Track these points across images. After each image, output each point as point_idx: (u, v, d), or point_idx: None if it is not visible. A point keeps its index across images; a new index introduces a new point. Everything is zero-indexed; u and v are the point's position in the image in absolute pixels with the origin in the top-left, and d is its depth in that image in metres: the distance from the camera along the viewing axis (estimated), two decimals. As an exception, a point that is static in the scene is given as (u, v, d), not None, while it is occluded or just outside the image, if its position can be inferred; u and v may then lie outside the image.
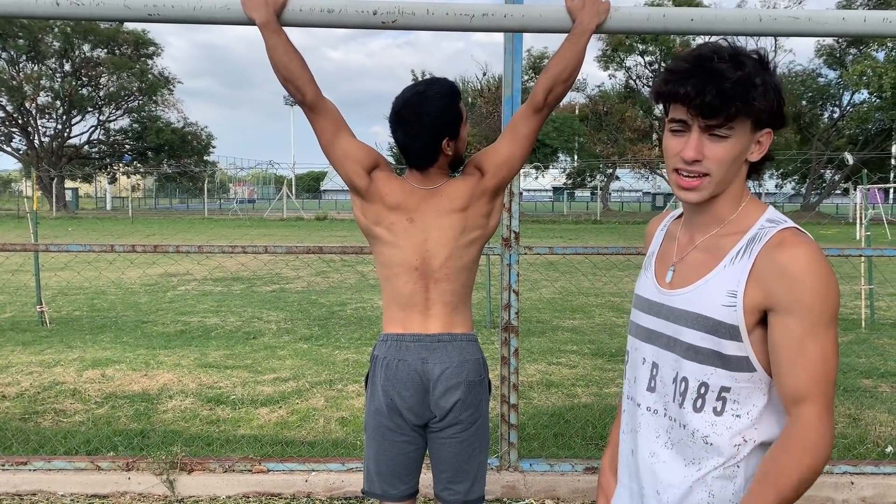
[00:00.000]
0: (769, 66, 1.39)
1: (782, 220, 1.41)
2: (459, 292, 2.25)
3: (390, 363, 2.19)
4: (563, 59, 2.14)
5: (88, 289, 10.98)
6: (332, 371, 6.09)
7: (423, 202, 2.21)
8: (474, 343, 2.27)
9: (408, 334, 2.20)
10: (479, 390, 2.25)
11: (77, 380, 5.75)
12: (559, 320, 8.70)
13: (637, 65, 48.46)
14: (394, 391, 2.18)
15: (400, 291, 2.21)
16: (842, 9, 38.66)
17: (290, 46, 2.11)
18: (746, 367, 1.38)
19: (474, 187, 2.23)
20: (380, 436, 2.23)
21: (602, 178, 49.27)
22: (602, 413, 4.86)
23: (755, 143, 1.40)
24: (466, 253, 2.23)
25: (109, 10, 2.17)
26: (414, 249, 2.19)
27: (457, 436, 2.22)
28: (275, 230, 27.01)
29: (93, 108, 43.20)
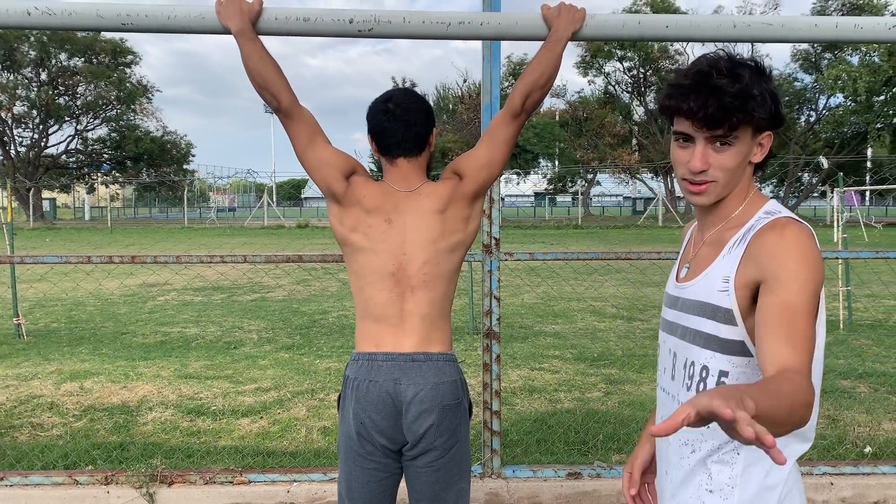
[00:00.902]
0: (766, 73, 1.47)
1: (779, 210, 1.48)
2: (438, 304, 2.15)
3: (361, 384, 2.08)
4: (539, 65, 2.15)
5: (66, 300, 10.86)
6: (313, 380, 6.06)
7: (401, 202, 2.17)
8: (452, 363, 2.15)
9: (380, 353, 2.09)
10: (456, 414, 2.12)
11: (55, 393, 5.68)
12: (541, 325, 8.72)
13: (616, 71, 48.85)
14: (364, 414, 2.07)
15: (374, 302, 2.12)
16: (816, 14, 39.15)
17: (265, 54, 2.10)
18: (742, 352, 1.42)
19: (453, 190, 2.19)
20: (350, 461, 2.13)
21: (583, 184, 49.50)
22: (584, 418, 4.87)
23: (757, 146, 1.49)
24: (445, 259, 2.16)
25: (82, 19, 2.15)
26: (391, 253, 2.12)
27: (432, 464, 2.10)
28: (256, 238, 26.86)
29: (70, 118, 42.81)
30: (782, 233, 1.39)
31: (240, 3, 2.10)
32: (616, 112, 48.31)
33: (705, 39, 2.32)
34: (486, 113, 3.57)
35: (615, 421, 4.81)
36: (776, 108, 1.46)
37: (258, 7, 2.12)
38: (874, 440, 4.46)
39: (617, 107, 48.90)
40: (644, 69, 48.14)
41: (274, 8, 2.16)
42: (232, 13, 2.09)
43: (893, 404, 5.29)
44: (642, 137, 49.18)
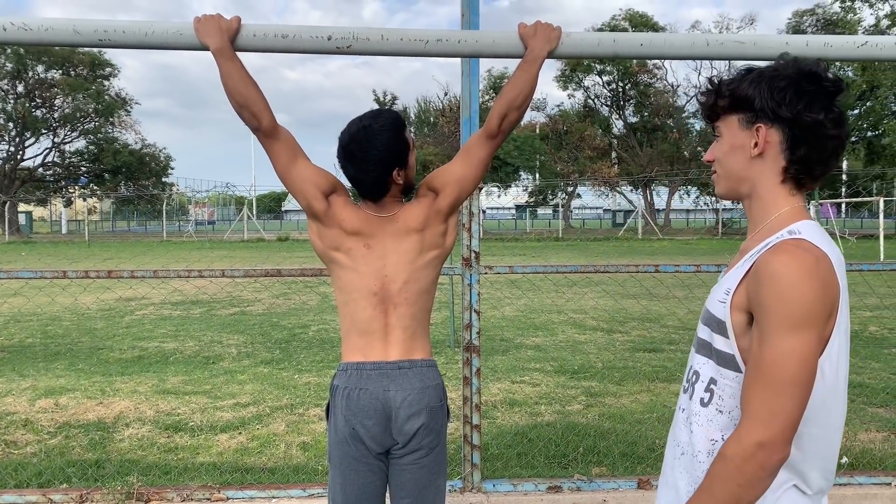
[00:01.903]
0: (753, 69, 1.49)
1: (799, 232, 1.41)
2: (419, 317, 2.25)
3: (351, 392, 2.18)
4: (515, 86, 2.18)
5: (42, 315, 10.71)
6: (293, 395, 6.02)
7: (379, 228, 2.22)
8: (434, 368, 2.27)
9: (368, 362, 2.19)
10: (440, 415, 2.26)
11: (29, 409, 5.59)
12: (522, 338, 8.73)
13: (595, 84, 49.36)
14: (356, 420, 2.17)
15: (359, 317, 2.21)
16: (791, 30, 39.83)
17: (244, 73, 2.11)
18: (733, 366, 1.41)
19: (429, 208, 2.25)
20: (345, 466, 2.22)
21: (563, 196, 49.78)
22: (565, 431, 4.88)
23: (753, 140, 1.47)
24: (424, 275, 2.25)
25: (58, 35, 2.14)
26: (373, 274, 2.19)
27: (418, 461, 2.22)
28: (235, 252, 26.70)
29: (47, 130, 42.37)
30: (770, 260, 1.34)
31: (218, 21, 2.11)
32: (595, 125, 48.73)
33: (680, 57, 2.35)
34: (466, 127, 3.59)
35: (595, 434, 4.82)
36: (748, 99, 1.45)
37: (236, 25, 2.13)
38: (850, 451, 4.50)
39: (596, 120, 49.33)
40: (623, 83, 48.65)
41: (252, 25, 2.17)
42: (210, 31, 2.10)
43: (869, 415, 5.35)
44: (622, 150, 49.60)
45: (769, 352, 1.30)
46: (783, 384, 1.28)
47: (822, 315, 1.31)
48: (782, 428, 1.28)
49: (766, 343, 1.30)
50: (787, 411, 1.28)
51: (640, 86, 48.26)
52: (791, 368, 1.28)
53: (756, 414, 1.30)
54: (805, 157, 1.43)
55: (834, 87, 1.42)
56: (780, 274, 1.31)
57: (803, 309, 1.29)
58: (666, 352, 7.83)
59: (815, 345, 1.30)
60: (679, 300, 11.43)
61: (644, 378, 6.54)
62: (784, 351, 1.28)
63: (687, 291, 11.41)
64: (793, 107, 1.41)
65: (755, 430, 1.29)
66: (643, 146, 47.87)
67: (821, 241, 1.38)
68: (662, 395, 5.96)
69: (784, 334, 1.29)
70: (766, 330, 1.31)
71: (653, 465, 4.25)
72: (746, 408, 1.32)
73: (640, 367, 6.99)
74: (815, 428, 1.37)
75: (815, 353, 1.31)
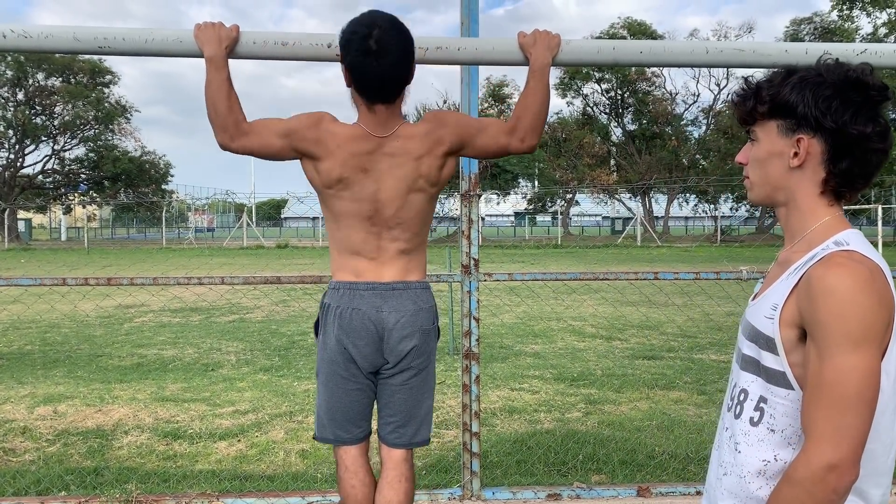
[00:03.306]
0: (791, 76, 1.42)
1: (848, 242, 1.36)
2: (413, 240, 2.24)
3: (344, 312, 2.17)
4: (530, 96, 2.21)
5: (41, 322, 10.70)
6: (291, 402, 6.01)
7: (377, 149, 2.17)
8: (428, 290, 2.28)
9: (361, 282, 2.18)
10: (432, 337, 2.28)
11: (28, 417, 5.58)
12: (521, 345, 8.73)
13: (594, 92, 49.49)
14: (348, 340, 2.17)
15: (352, 239, 2.20)
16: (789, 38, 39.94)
17: (225, 86, 2.11)
18: (784, 384, 1.35)
19: (430, 132, 2.21)
20: (333, 384, 2.23)
21: (562, 203, 49.83)
22: (564, 438, 4.87)
23: (793, 150, 1.41)
24: (419, 200, 2.22)
25: (59, 42, 2.15)
26: (367, 199, 2.17)
27: (407, 382, 2.25)
28: (235, 259, 26.70)
29: (47, 138, 42.42)
30: (824, 275, 1.29)
31: (218, 30, 2.12)
32: (594, 133, 48.82)
33: (679, 65, 2.36)
34: (465, 135, 3.59)
35: (595, 441, 4.81)
36: (790, 107, 1.39)
37: (235, 33, 2.14)
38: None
39: (595, 127, 49.42)
40: (621, 90, 48.76)
41: (253, 32, 2.18)
42: (209, 38, 2.11)
43: None
44: (620, 158, 49.68)
45: (830, 370, 1.24)
46: (848, 402, 1.23)
47: (880, 329, 1.26)
48: (852, 447, 1.23)
49: (825, 361, 1.25)
50: (855, 430, 1.23)
51: (638, 93, 48.38)
52: (855, 386, 1.23)
53: (823, 435, 1.24)
54: (847, 170, 1.38)
55: (881, 96, 1.36)
56: (836, 289, 1.26)
57: (862, 324, 1.24)
58: (665, 359, 7.83)
59: (876, 360, 1.25)
60: (678, 307, 11.44)
61: (643, 385, 6.53)
62: (846, 368, 1.23)
63: (686, 299, 11.41)
64: (838, 117, 1.34)
65: (824, 451, 1.24)
66: (642, 153, 47.95)
67: (871, 252, 1.33)
68: (662, 402, 5.95)
69: (845, 351, 1.24)
70: (825, 347, 1.25)
71: (652, 472, 4.25)
72: (811, 429, 1.26)
73: (639, 375, 6.99)
74: (873, 443, 1.31)
75: (876, 368, 1.25)
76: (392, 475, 2.35)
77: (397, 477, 2.34)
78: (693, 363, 7.57)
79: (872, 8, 36.26)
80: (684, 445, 4.72)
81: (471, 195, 3.71)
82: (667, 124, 48.34)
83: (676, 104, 48.98)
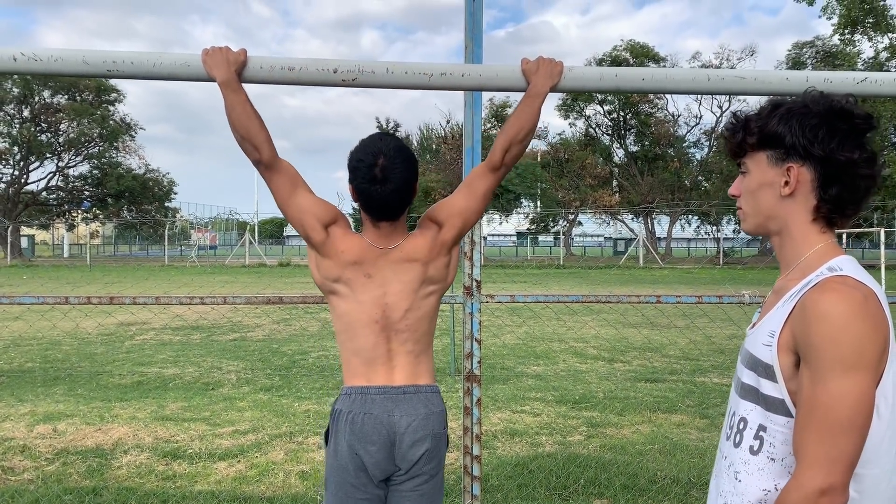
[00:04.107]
0: (777, 108, 1.46)
1: (841, 268, 1.37)
2: (422, 341, 2.25)
3: (356, 417, 2.15)
4: (518, 120, 2.22)
5: (42, 339, 10.69)
6: (292, 423, 5.99)
7: (381, 258, 2.22)
8: (437, 395, 2.27)
9: (373, 387, 2.18)
10: (443, 442, 2.26)
11: (27, 435, 5.56)
12: (523, 367, 8.70)
13: (596, 114, 49.76)
14: (360, 446, 2.14)
15: (361, 345, 2.20)
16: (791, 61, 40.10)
17: (248, 106, 2.13)
18: (783, 411, 1.36)
19: (433, 240, 2.25)
20: (343, 493, 2.19)
21: (564, 224, 49.87)
22: (566, 462, 4.85)
23: (783, 179, 1.44)
24: (426, 303, 2.25)
25: (68, 65, 2.17)
26: (373, 303, 2.19)
27: (418, 488, 2.21)
28: (237, 277, 26.70)
29: (51, 154, 42.61)
30: (818, 300, 1.30)
31: (226, 54, 2.14)
32: (597, 154, 48.98)
33: (681, 92, 2.38)
34: (468, 156, 3.61)
35: (596, 465, 4.79)
36: (775, 135, 1.43)
37: (243, 57, 2.16)
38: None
39: (597, 149, 49.60)
40: (624, 112, 48.99)
41: (259, 57, 2.20)
42: (218, 62, 2.13)
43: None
44: (622, 179, 49.79)
45: (823, 394, 1.25)
46: (840, 427, 1.24)
47: (874, 354, 1.27)
48: (843, 472, 1.24)
49: (819, 385, 1.26)
50: (846, 455, 1.24)
51: (640, 115, 48.59)
52: (847, 411, 1.24)
53: (815, 460, 1.25)
54: (837, 197, 1.40)
55: (865, 124, 1.39)
56: (830, 314, 1.27)
57: (856, 349, 1.25)
58: (667, 382, 7.80)
59: (869, 385, 1.26)
60: (680, 330, 11.41)
61: (645, 409, 6.50)
62: (839, 393, 1.24)
63: (688, 321, 11.38)
64: (825, 145, 1.38)
65: (816, 476, 1.25)
66: (644, 175, 48.06)
67: (864, 277, 1.35)
68: (664, 426, 5.93)
69: (838, 376, 1.24)
70: (819, 372, 1.26)
71: (654, 497, 4.22)
72: (803, 453, 1.27)
73: (641, 398, 6.96)
74: (875, 468, 1.32)
75: (870, 393, 1.26)
76: None
77: None
78: (695, 386, 7.55)
79: (874, 32, 36.47)
80: (686, 470, 4.69)
81: (473, 218, 3.72)
82: (669, 146, 48.50)
83: (679, 126, 49.19)
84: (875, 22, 35.61)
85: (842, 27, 36.34)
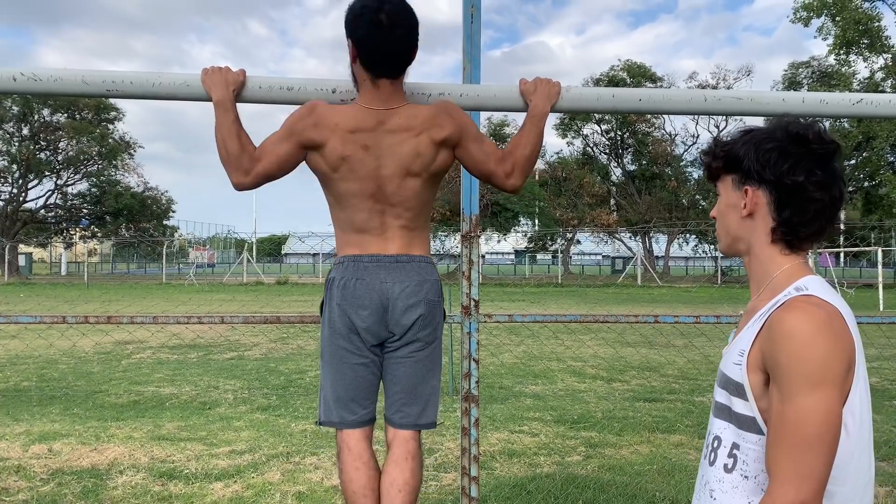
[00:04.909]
0: (747, 134, 1.52)
1: (806, 288, 1.41)
2: (416, 219, 2.25)
3: (348, 283, 2.17)
4: (522, 140, 2.24)
5: (39, 358, 10.65)
6: (289, 443, 5.95)
7: (379, 125, 2.16)
8: (431, 265, 2.28)
9: (366, 255, 2.19)
10: (438, 310, 2.26)
11: (22, 455, 5.52)
12: (521, 386, 8.67)
13: (594, 133, 49.96)
14: (351, 310, 2.15)
15: (355, 218, 2.20)
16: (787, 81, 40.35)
17: (234, 127, 2.15)
18: (755, 429, 1.38)
19: (434, 115, 2.19)
20: (337, 359, 2.19)
21: (562, 242, 49.94)
22: (564, 483, 4.81)
23: (742, 200, 1.51)
24: (415, 184, 2.22)
25: (67, 85, 2.18)
26: (369, 177, 2.17)
27: (413, 355, 2.22)
28: (234, 295, 26.66)
29: (51, 173, 42.68)
30: (782, 319, 1.34)
31: (225, 75, 2.16)
32: (594, 173, 49.15)
33: (678, 112, 2.39)
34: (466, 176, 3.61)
35: (595, 486, 4.76)
36: (734, 161, 1.50)
37: (242, 78, 2.18)
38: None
39: (595, 167, 49.79)
40: (621, 131, 49.23)
41: (258, 77, 2.22)
42: (216, 83, 2.14)
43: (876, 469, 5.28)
44: (620, 198, 49.93)
45: (791, 412, 1.28)
46: (809, 444, 1.26)
47: (840, 371, 1.29)
48: (813, 488, 1.26)
49: (786, 403, 1.28)
50: (816, 471, 1.26)
51: (638, 134, 48.83)
52: (815, 427, 1.26)
53: (785, 477, 1.27)
54: (789, 220, 1.46)
55: (822, 148, 1.43)
56: (794, 332, 1.30)
57: (821, 366, 1.28)
58: (666, 401, 7.77)
59: (836, 401, 1.28)
60: (678, 349, 11.40)
61: (644, 429, 6.47)
62: (806, 410, 1.27)
63: (686, 340, 11.37)
64: (776, 169, 1.44)
65: (787, 493, 1.26)
66: (642, 194, 48.21)
67: (830, 297, 1.38)
68: (663, 446, 5.89)
69: (804, 393, 1.27)
70: (786, 390, 1.29)
71: (654, 518, 4.19)
72: (774, 470, 1.29)
73: (639, 418, 6.93)
74: (845, 486, 1.34)
75: (837, 409, 1.29)
76: (398, 453, 2.27)
77: (403, 455, 2.27)
78: (694, 406, 7.52)
79: (869, 53, 36.77)
80: (685, 491, 4.66)
81: (471, 236, 3.73)
82: (666, 165, 48.69)
83: (676, 145, 49.42)
84: (870, 43, 35.91)
85: (837, 48, 36.64)
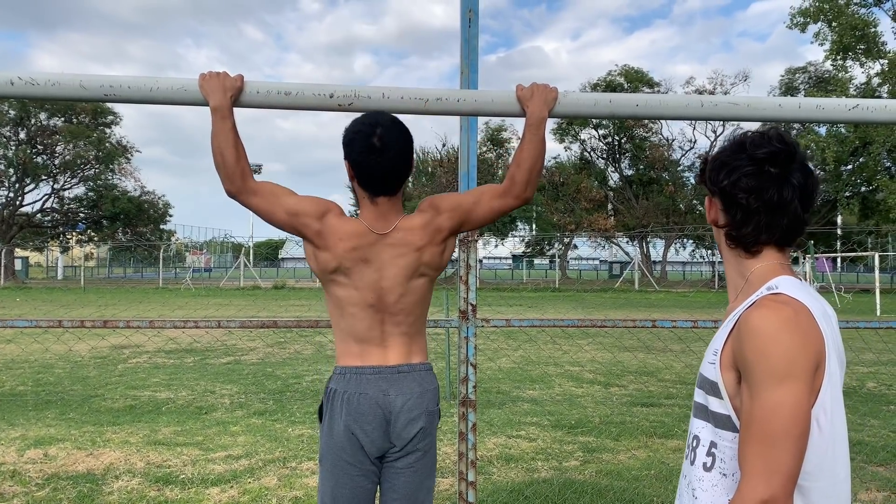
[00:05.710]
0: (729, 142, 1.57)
1: (777, 287, 1.43)
2: (416, 323, 2.28)
3: (351, 397, 2.18)
4: (526, 150, 2.24)
5: (34, 363, 10.61)
6: (285, 448, 5.93)
7: (378, 241, 2.22)
8: (431, 372, 2.30)
9: (367, 367, 2.21)
10: (436, 419, 2.30)
11: (18, 460, 5.50)
12: (519, 391, 8.66)
13: (591, 138, 50.01)
14: (356, 426, 2.18)
15: (356, 327, 2.23)
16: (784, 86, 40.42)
17: (230, 135, 2.15)
18: (730, 427, 1.40)
19: (429, 223, 2.25)
20: (339, 471, 2.22)
21: (560, 247, 49.96)
22: (562, 488, 4.81)
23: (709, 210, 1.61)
24: (420, 287, 2.27)
25: (65, 90, 2.18)
26: (369, 288, 2.20)
27: (412, 465, 2.25)
28: (231, 299, 26.62)
29: (47, 177, 42.62)
30: (750, 317, 1.37)
31: (223, 80, 2.15)
32: (592, 178, 49.20)
33: (674, 118, 2.40)
34: (464, 180, 3.62)
35: (592, 491, 4.75)
36: (707, 171, 1.57)
37: (240, 83, 2.17)
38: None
39: (592, 172, 49.84)
40: (619, 136, 49.30)
41: (256, 82, 2.22)
42: (214, 88, 2.14)
43: (869, 474, 5.29)
44: (618, 203, 49.98)
45: (758, 407, 1.30)
46: (777, 438, 1.28)
47: (806, 366, 1.31)
48: (782, 483, 1.27)
49: (755, 399, 1.31)
50: (785, 465, 1.27)
51: (635, 139, 48.91)
52: (782, 422, 1.28)
53: (755, 471, 1.29)
54: (731, 223, 1.52)
55: (760, 154, 1.46)
56: (760, 328, 1.33)
57: (785, 361, 1.30)
58: (663, 406, 7.77)
59: (803, 396, 1.30)
60: (675, 353, 11.40)
61: (641, 433, 6.47)
62: (773, 405, 1.29)
63: (683, 345, 11.37)
64: (715, 176, 1.52)
65: (756, 487, 1.28)
66: (639, 199, 48.27)
67: (800, 294, 1.40)
68: (660, 451, 5.89)
69: (770, 388, 1.29)
70: (753, 386, 1.32)
71: (651, 524, 4.18)
72: (744, 465, 1.31)
73: (637, 422, 6.93)
74: (821, 482, 1.37)
75: (804, 404, 1.30)
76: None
77: None
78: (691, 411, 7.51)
79: (866, 58, 36.87)
80: (683, 496, 4.65)
81: (469, 241, 3.73)
82: (663, 170, 48.76)
83: (673, 150, 49.50)
84: (866, 48, 36.02)
85: (834, 53, 36.74)
